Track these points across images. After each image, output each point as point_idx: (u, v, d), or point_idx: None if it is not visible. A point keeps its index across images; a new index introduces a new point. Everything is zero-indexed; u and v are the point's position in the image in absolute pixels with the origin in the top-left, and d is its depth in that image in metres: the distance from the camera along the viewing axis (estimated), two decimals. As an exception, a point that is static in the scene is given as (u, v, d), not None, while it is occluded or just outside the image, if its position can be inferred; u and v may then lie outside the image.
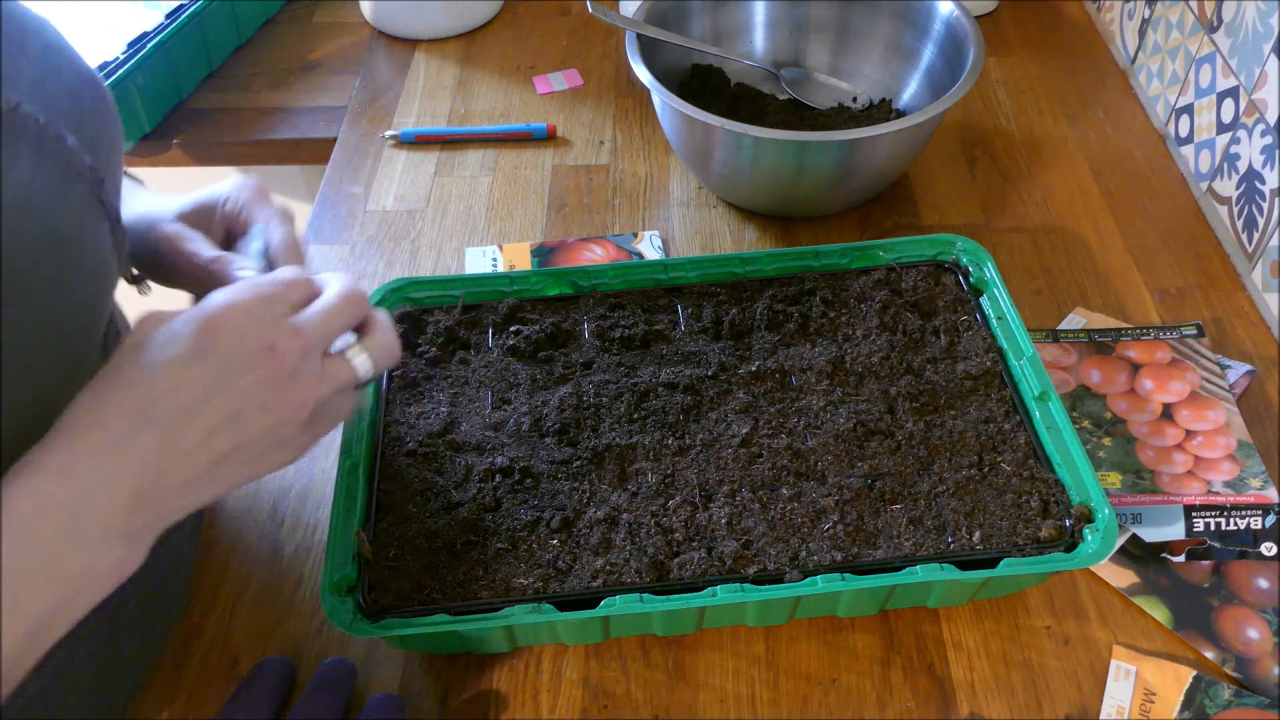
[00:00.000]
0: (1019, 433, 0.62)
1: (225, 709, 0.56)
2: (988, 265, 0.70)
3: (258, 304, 0.45)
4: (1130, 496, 0.64)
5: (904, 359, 0.66)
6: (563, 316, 0.70)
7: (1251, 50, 0.78)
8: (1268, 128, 0.76)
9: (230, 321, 0.44)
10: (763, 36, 0.95)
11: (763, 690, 0.58)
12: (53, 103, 0.45)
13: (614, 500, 0.59)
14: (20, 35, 0.46)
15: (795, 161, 0.77)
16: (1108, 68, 1.01)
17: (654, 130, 0.95)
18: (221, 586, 0.63)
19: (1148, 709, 0.56)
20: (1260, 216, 0.77)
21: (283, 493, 0.68)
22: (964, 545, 0.57)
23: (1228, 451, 0.66)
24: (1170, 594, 0.61)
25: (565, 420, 0.63)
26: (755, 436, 0.62)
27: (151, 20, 0.96)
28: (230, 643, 0.60)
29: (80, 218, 0.45)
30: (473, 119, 0.97)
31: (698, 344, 0.68)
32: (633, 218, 0.87)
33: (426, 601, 0.55)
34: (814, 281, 0.71)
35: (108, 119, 0.50)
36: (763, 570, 0.56)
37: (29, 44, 0.46)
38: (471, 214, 0.88)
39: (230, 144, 0.97)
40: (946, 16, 0.86)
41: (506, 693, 0.58)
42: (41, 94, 0.45)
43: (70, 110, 0.46)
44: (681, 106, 0.77)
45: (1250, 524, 0.62)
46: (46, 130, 0.44)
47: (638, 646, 0.60)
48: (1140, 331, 0.74)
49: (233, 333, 0.44)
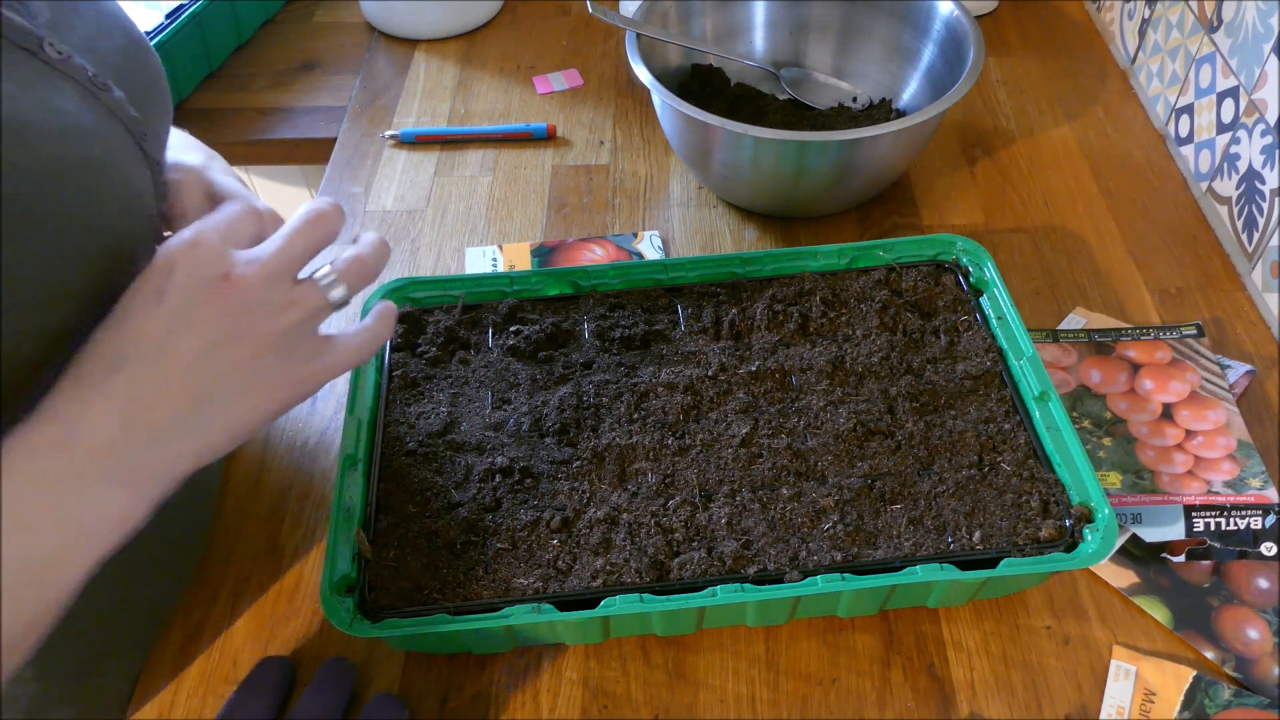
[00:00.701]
0: (1019, 433, 0.62)
1: (225, 709, 0.56)
2: (988, 265, 0.70)
3: (210, 235, 0.45)
4: (1130, 496, 0.64)
5: (904, 359, 0.66)
6: (563, 316, 0.70)
7: (1251, 50, 0.78)
8: (1268, 128, 0.76)
9: (182, 257, 0.44)
10: (763, 36, 0.95)
11: (763, 690, 0.58)
12: (104, 60, 0.47)
13: (614, 500, 0.59)
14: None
15: (795, 161, 0.77)
16: (1108, 68, 1.01)
17: (654, 130, 0.95)
18: (221, 587, 0.63)
19: (1148, 709, 0.56)
20: (1260, 216, 0.77)
21: (283, 493, 0.68)
22: (964, 545, 0.57)
23: (1228, 451, 0.66)
24: (1170, 594, 0.61)
25: (565, 420, 0.63)
26: (755, 436, 0.62)
27: (151, 20, 0.96)
28: (230, 643, 0.60)
29: (119, 155, 0.46)
30: (473, 119, 0.97)
31: (698, 344, 0.68)
32: (633, 218, 0.87)
33: (426, 601, 0.55)
34: (814, 281, 0.71)
35: (157, 83, 0.52)
36: (763, 570, 0.56)
37: (83, 7, 0.48)
38: (471, 214, 0.88)
39: (230, 144, 0.97)
40: (946, 16, 0.86)
41: (506, 693, 0.58)
42: (93, 51, 0.47)
43: (120, 69, 0.48)
44: (681, 106, 0.77)
45: (1250, 524, 0.62)
46: (95, 80, 0.46)
47: (638, 646, 0.60)
48: (1140, 331, 0.74)
49: (185, 267, 0.44)
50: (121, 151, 0.46)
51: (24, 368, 0.42)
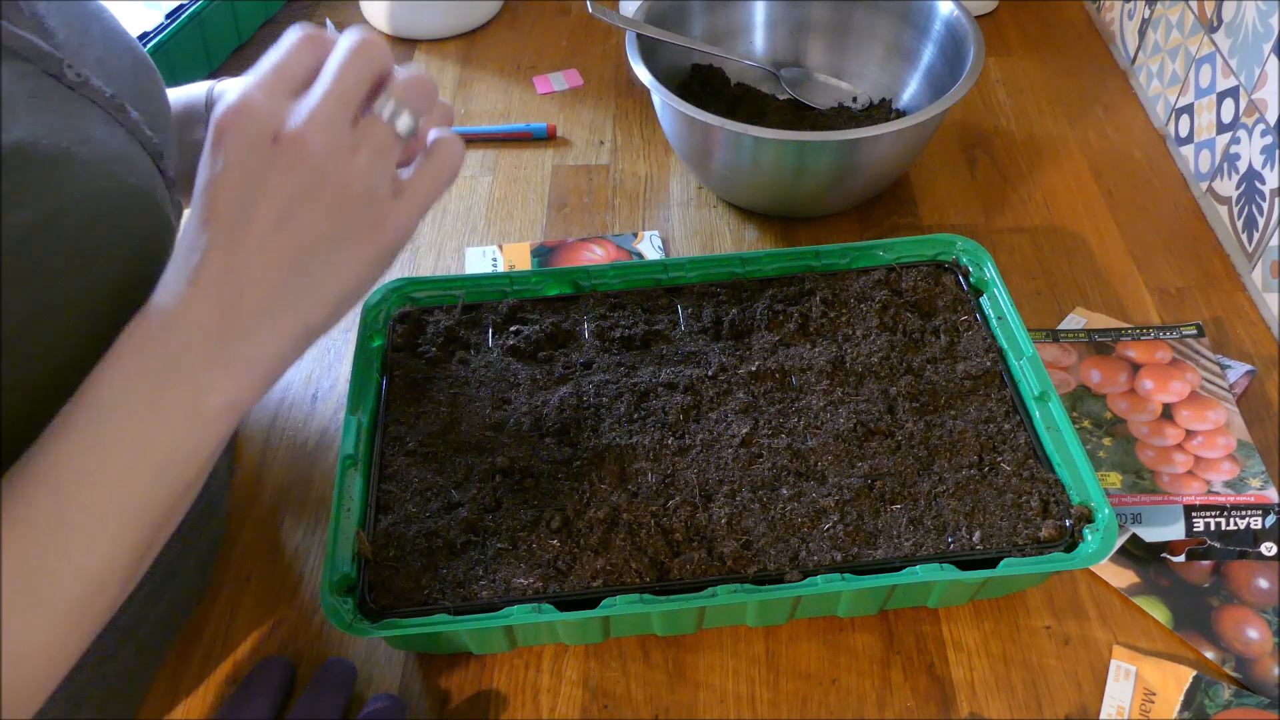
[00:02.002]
0: (1019, 433, 0.62)
1: (225, 709, 0.56)
2: (988, 265, 0.70)
3: (254, 94, 0.42)
4: (1130, 496, 0.64)
5: (904, 359, 0.66)
6: (563, 316, 0.70)
7: (1251, 50, 0.78)
8: (1268, 128, 0.76)
9: (230, 124, 0.41)
10: (763, 36, 0.95)
11: (763, 690, 0.58)
12: (115, 79, 0.47)
13: (614, 500, 0.59)
14: (84, 18, 0.47)
15: (795, 161, 0.77)
16: (1108, 68, 1.01)
17: (654, 130, 0.95)
18: (221, 587, 0.63)
19: (1148, 709, 0.56)
20: (1260, 216, 0.77)
21: (283, 493, 0.68)
22: (964, 545, 0.57)
23: (1228, 451, 0.66)
24: (1170, 594, 0.61)
25: (565, 420, 0.63)
26: (755, 436, 0.62)
27: (151, 20, 0.96)
28: (230, 643, 0.60)
29: (147, 180, 0.46)
30: (473, 119, 0.97)
31: (698, 344, 0.68)
32: (633, 218, 0.87)
33: (426, 601, 0.55)
34: (814, 281, 0.71)
35: (162, 99, 0.52)
36: (763, 570, 0.56)
37: (91, 26, 0.48)
38: (471, 214, 0.88)
39: (230, 144, 0.97)
40: (946, 16, 0.86)
41: (506, 693, 0.58)
42: (105, 71, 0.46)
43: (131, 88, 0.48)
44: (681, 106, 0.77)
45: (1250, 524, 0.62)
46: (114, 101, 0.45)
47: (638, 646, 0.60)
48: (1140, 331, 0.74)
49: (236, 135, 0.41)
50: (148, 176, 0.46)
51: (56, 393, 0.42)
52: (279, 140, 0.41)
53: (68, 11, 0.47)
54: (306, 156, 0.41)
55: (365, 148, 0.43)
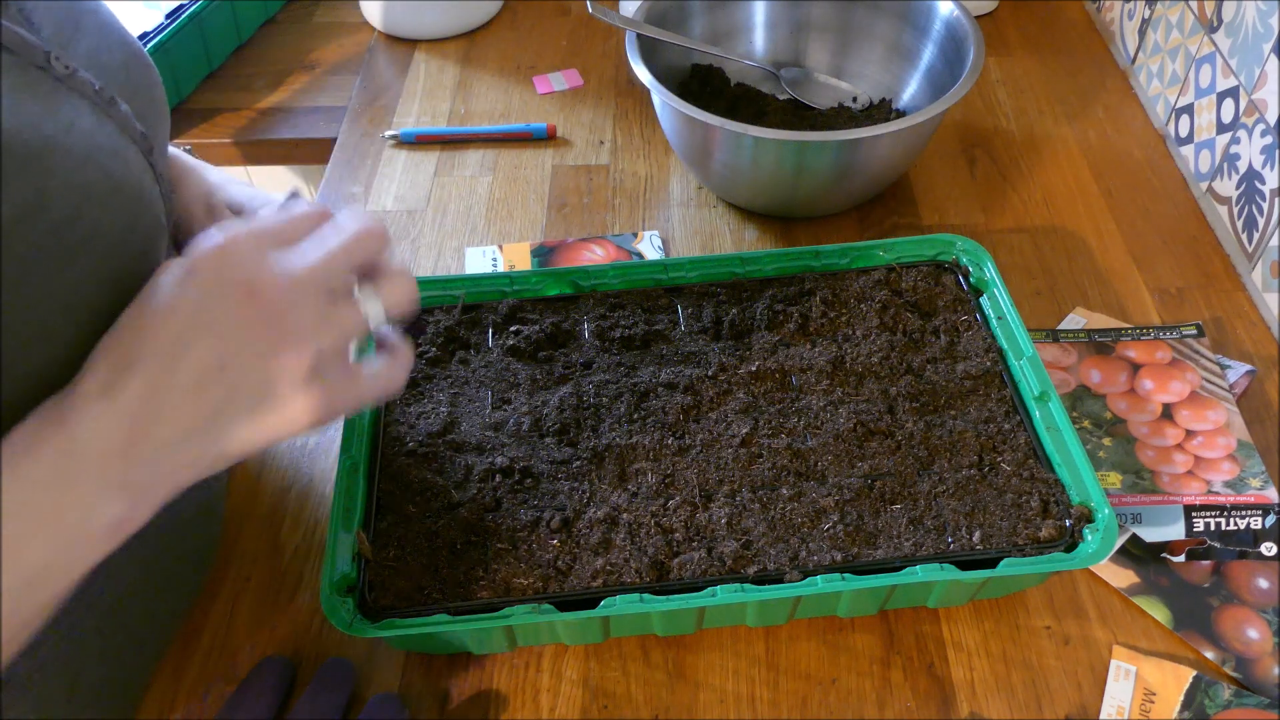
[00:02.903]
0: (1019, 433, 0.62)
1: (225, 709, 0.56)
2: (988, 265, 0.70)
3: (244, 240, 0.42)
4: (1130, 496, 0.64)
5: (904, 359, 0.66)
6: (563, 316, 0.70)
7: (1251, 50, 0.78)
8: (1268, 128, 0.76)
9: (210, 261, 0.41)
10: (763, 36, 0.95)
11: (763, 690, 0.58)
12: (107, 73, 0.46)
13: (614, 500, 0.59)
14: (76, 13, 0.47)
15: (795, 161, 0.77)
16: (1108, 68, 1.01)
17: (654, 130, 0.95)
18: (221, 587, 0.63)
19: (1148, 709, 0.56)
20: (1260, 216, 0.77)
21: (283, 493, 0.68)
22: (964, 545, 0.57)
23: (1228, 451, 0.66)
24: (1170, 594, 0.61)
25: (565, 420, 0.63)
26: (755, 436, 0.62)
27: (151, 20, 0.96)
28: (230, 643, 0.60)
29: (135, 174, 0.45)
30: (473, 119, 0.97)
31: (697, 344, 0.68)
32: (633, 218, 0.87)
33: (426, 601, 0.55)
34: (814, 281, 0.71)
35: (156, 93, 0.51)
36: (763, 570, 0.56)
37: (85, 20, 0.47)
38: (471, 214, 0.88)
39: (230, 144, 0.97)
40: (946, 16, 0.86)
41: (506, 693, 0.58)
42: (96, 65, 0.46)
43: (123, 82, 0.48)
44: (681, 106, 0.77)
45: (1250, 524, 0.62)
46: (102, 94, 0.44)
47: (638, 646, 0.60)
48: (1140, 331, 0.74)
49: (211, 272, 0.41)
50: (137, 169, 0.46)
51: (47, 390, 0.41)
52: (254, 291, 0.41)
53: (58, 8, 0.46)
54: (273, 315, 0.41)
55: (333, 327, 0.43)
